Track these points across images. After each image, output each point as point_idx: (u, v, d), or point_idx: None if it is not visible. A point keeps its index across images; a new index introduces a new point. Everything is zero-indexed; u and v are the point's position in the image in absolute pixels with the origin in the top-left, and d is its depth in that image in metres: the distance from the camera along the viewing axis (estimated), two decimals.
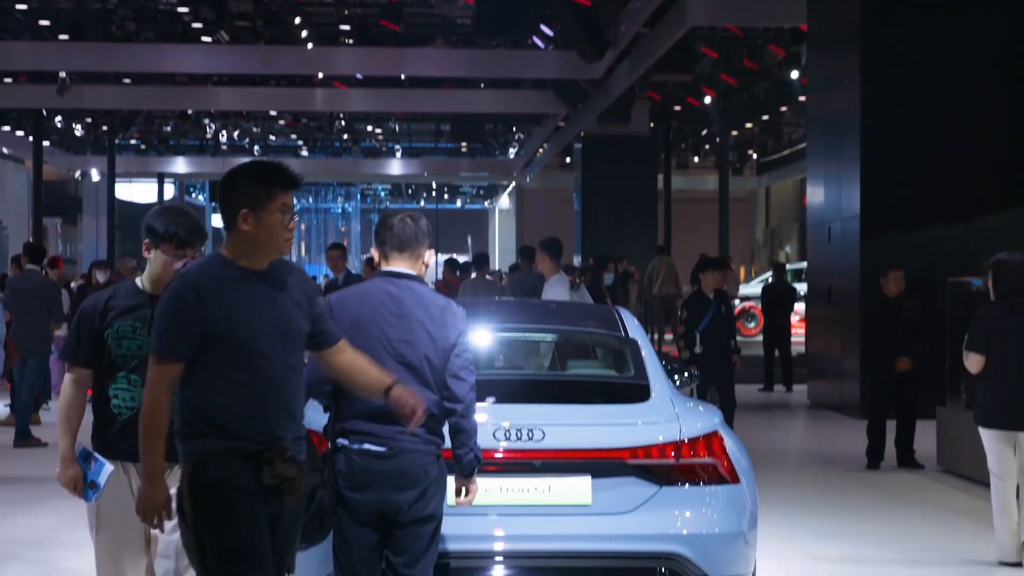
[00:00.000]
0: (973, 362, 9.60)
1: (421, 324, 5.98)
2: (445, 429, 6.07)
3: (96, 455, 5.79)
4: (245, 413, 5.03)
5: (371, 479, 5.82)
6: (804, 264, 30.95)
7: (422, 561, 5.96)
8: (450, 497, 6.55)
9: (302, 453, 5.22)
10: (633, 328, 7.92)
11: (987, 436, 9.59)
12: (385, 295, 5.99)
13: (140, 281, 6.01)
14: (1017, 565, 9.44)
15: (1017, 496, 9.50)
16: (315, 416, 6.34)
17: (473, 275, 19.19)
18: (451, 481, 6.20)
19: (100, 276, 20.27)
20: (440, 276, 22.97)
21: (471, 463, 6.09)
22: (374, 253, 6.21)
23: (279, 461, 5.04)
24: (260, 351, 5.06)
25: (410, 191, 74.03)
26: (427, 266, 6.17)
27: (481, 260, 19.66)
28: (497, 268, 44.36)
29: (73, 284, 23.42)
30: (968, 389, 13.72)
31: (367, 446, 5.83)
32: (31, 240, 19.68)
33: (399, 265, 6.08)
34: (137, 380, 5.80)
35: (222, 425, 5.01)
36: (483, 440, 6.70)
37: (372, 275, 6.16)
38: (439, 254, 69.54)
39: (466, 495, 6.20)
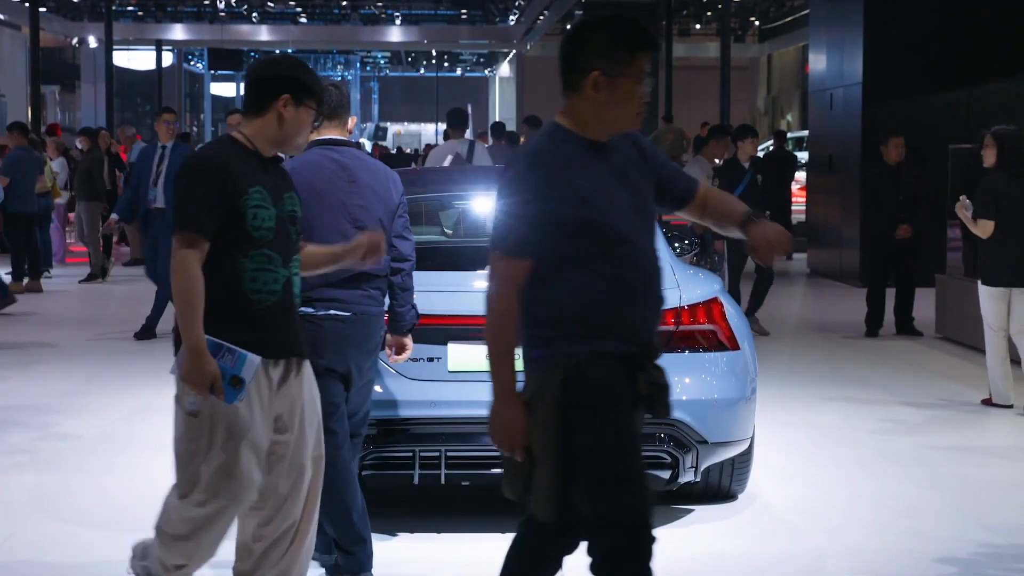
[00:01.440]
0: (984, 227, 10.10)
1: (371, 188, 6.13)
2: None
3: (229, 345, 4.74)
4: (618, 309, 4.28)
5: (339, 343, 5.97)
6: (805, 132, 30.82)
7: (366, 411, 6.28)
8: (454, 364, 6.64)
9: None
10: None
11: (986, 293, 10.21)
12: (333, 163, 6.09)
13: (242, 136, 4.95)
14: (1009, 407, 10.22)
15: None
16: None
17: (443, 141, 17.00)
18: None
19: (79, 144, 20.71)
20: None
21: (413, 319, 6.33)
22: None
23: (651, 367, 4.35)
24: (624, 237, 4.30)
25: (409, 59, 73.51)
26: (351, 132, 6.31)
27: (457, 118, 17.57)
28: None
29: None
30: (966, 257, 13.77)
31: (333, 311, 5.96)
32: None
33: (331, 133, 6.18)
34: (277, 259, 4.90)
35: (595, 326, 4.27)
36: (479, 308, 6.71)
37: (309, 144, 6.14)
38: (439, 122, 69.14)
39: (401, 352, 6.36)
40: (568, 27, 4.15)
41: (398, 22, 54.69)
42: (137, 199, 13.57)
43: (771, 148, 25.55)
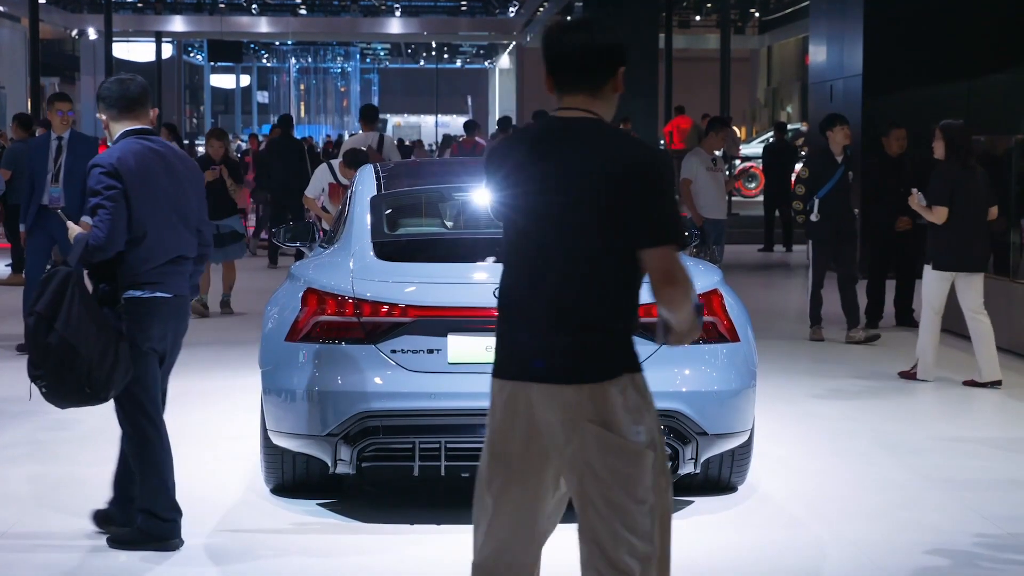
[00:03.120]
0: (939, 214, 10.70)
1: (185, 177, 6.54)
2: None
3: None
4: None
5: (163, 323, 6.39)
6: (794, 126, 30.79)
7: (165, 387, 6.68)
8: (453, 356, 6.68)
9: None
10: None
11: (935, 276, 10.86)
12: (153, 153, 6.43)
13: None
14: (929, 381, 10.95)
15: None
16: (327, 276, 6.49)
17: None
18: None
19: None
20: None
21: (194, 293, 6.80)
22: (101, 116, 6.57)
23: None
24: None
25: (409, 50, 73.48)
26: (153, 124, 6.66)
27: (369, 114, 17.58)
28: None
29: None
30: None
31: (159, 293, 6.35)
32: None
33: (138, 124, 6.49)
34: None
35: None
36: (483, 299, 6.73)
37: (120, 135, 6.50)
38: (438, 114, 69.07)
39: None
40: None
41: (398, 14, 54.65)
42: (32, 196, 12.36)
43: (771, 140, 25.53)
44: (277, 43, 69.91)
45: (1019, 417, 9.84)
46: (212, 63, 67.09)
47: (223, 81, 76.97)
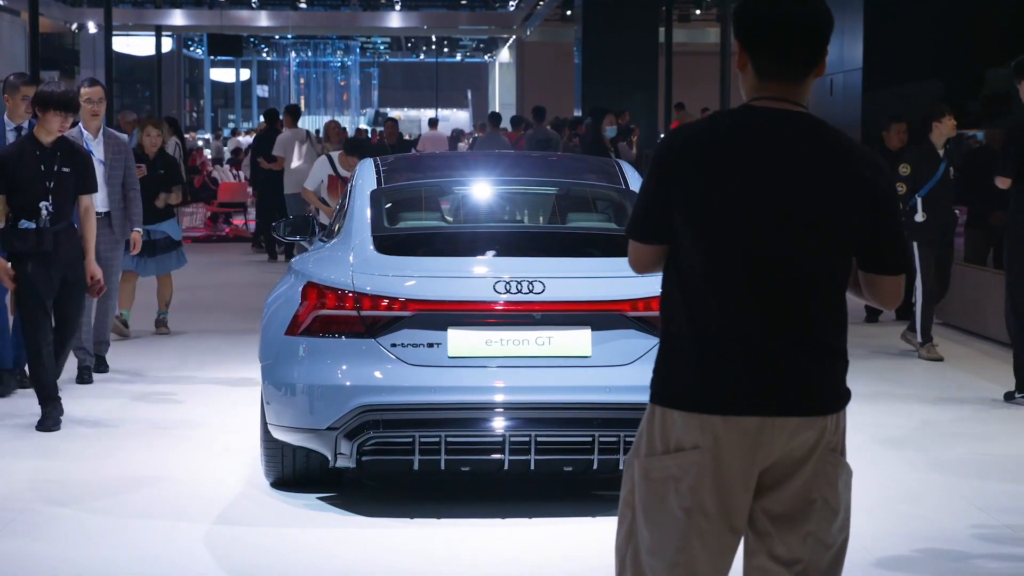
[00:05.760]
0: None
1: None
2: None
3: None
4: None
5: None
6: None
7: None
8: (453, 350, 6.68)
9: None
10: (634, 181, 7.92)
11: None
12: None
13: None
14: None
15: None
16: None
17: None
18: None
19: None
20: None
21: None
22: None
23: None
24: None
25: (409, 44, 73.43)
26: None
27: (294, 112, 21.15)
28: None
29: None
30: (967, 243, 13.77)
31: None
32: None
33: None
34: None
35: None
36: (484, 293, 6.75)
37: None
38: (438, 108, 68.99)
39: None
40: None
41: (397, 8, 54.62)
42: None
43: None
44: (277, 37, 69.84)
45: (1017, 412, 9.85)
46: (212, 57, 67.05)
47: (223, 75, 76.92)
